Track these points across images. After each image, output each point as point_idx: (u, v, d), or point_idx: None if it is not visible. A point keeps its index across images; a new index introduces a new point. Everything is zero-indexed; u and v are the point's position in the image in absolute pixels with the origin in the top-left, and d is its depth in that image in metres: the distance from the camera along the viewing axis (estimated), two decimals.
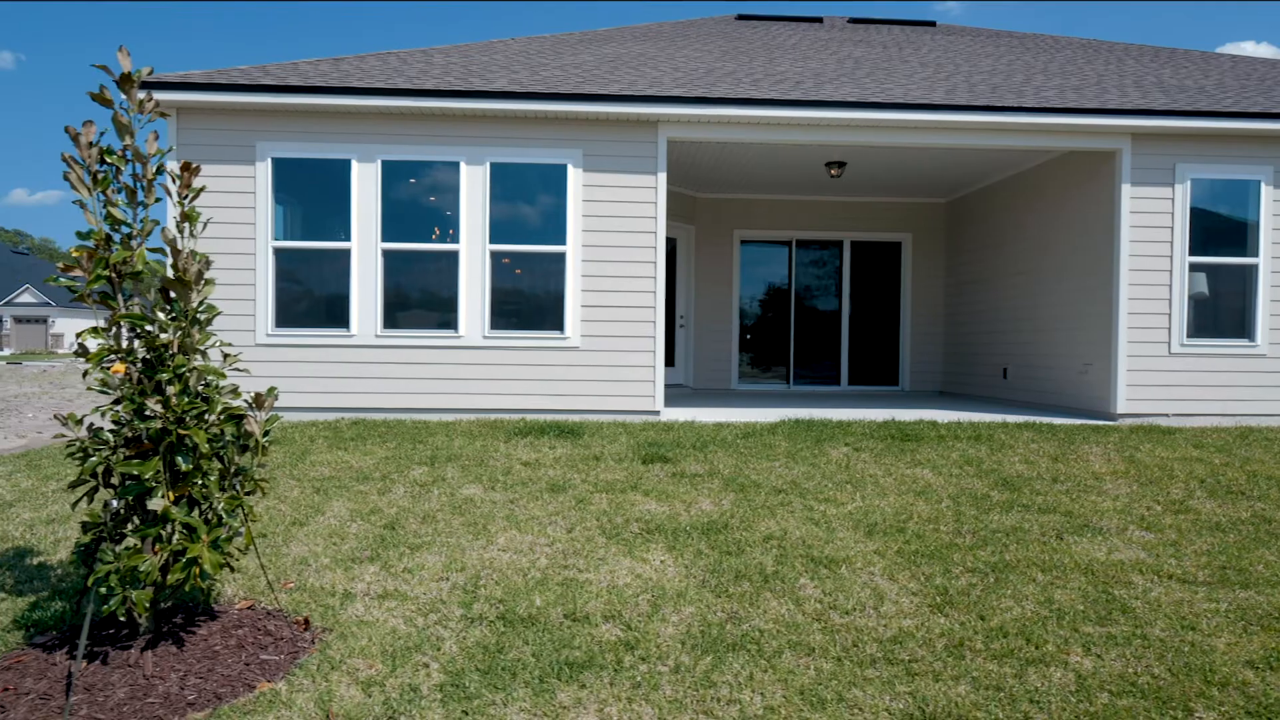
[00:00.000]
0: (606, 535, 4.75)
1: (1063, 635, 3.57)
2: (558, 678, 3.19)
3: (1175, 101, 8.50)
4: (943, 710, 3.00)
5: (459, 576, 4.14)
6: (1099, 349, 8.65)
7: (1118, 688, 3.16)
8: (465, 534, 4.75)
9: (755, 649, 3.43)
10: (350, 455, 6.49)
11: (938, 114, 7.89)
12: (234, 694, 3.03)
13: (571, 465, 6.21)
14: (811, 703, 3.05)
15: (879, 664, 3.32)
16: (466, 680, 3.16)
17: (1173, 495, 5.72)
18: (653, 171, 7.96)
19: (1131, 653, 3.43)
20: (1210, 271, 8.50)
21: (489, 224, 7.93)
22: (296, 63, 8.53)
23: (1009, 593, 4.01)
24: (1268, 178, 8.41)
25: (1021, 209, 10.72)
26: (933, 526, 4.95)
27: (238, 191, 7.76)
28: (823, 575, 4.19)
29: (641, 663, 3.32)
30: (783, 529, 4.86)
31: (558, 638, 3.50)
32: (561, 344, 7.98)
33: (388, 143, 7.85)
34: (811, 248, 13.31)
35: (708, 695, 3.09)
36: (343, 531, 4.80)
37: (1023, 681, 3.20)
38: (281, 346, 7.83)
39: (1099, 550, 4.62)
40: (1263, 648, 3.47)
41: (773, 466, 6.26)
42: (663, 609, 3.79)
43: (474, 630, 3.58)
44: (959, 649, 3.44)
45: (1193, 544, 4.77)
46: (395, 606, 3.82)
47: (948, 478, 6.04)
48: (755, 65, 9.85)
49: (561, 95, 7.64)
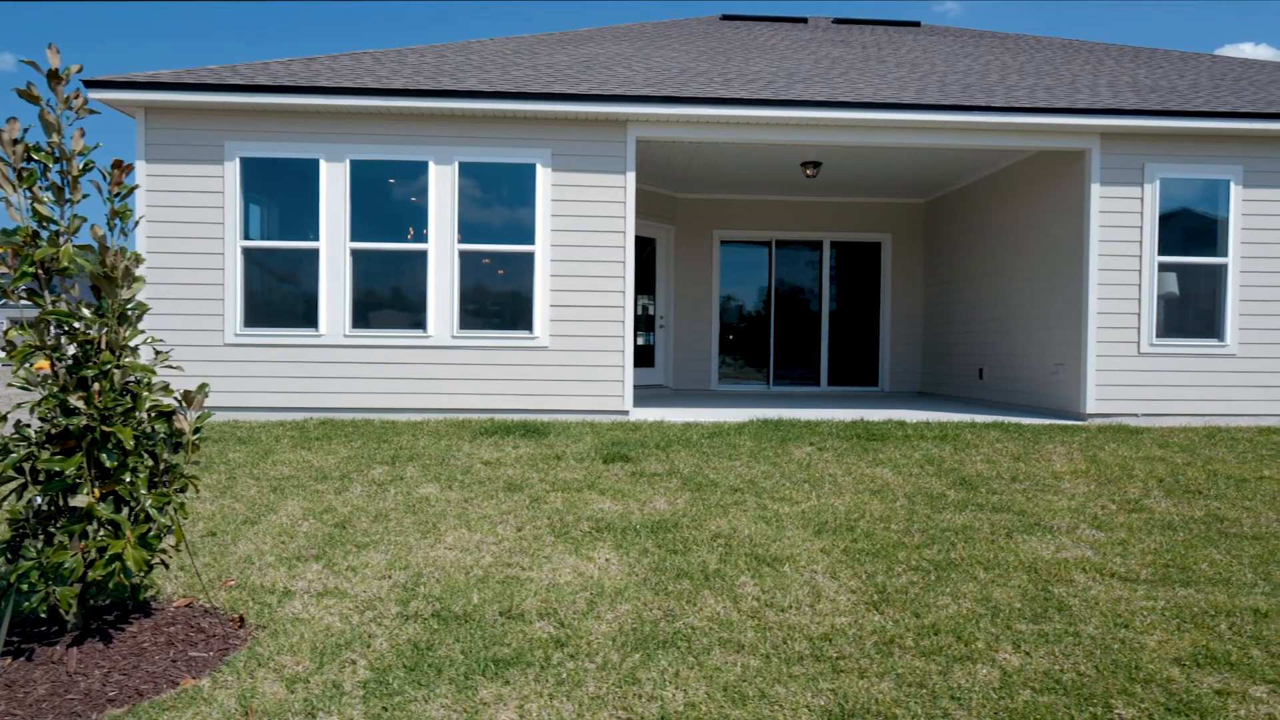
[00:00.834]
0: (555, 534, 4.75)
1: (994, 633, 3.58)
2: (483, 675, 3.19)
3: (1145, 101, 8.52)
4: (862, 707, 3.01)
5: (401, 575, 4.15)
6: (1069, 349, 8.67)
7: (1041, 685, 3.17)
8: (415, 533, 4.76)
9: (685, 646, 3.44)
10: (313, 455, 6.49)
11: (905, 113, 7.91)
12: (156, 690, 3.04)
13: (532, 465, 6.22)
14: (733, 699, 3.05)
15: (806, 661, 3.33)
16: (391, 677, 3.17)
17: (1129, 495, 5.74)
18: (622, 171, 7.97)
19: (1061, 650, 3.44)
20: (1180, 271, 8.52)
21: (458, 224, 7.94)
22: (268, 62, 8.53)
23: (948, 591, 4.02)
24: (1237, 177, 8.43)
25: (996, 209, 10.74)
26: (883, 525, 4.96)
27: (206, 191, 7.77)
28: (764, 573, 4.20)
29: (570, 660, 3.32)
30: (733, 528, 4.86)
31: (489, 635, 3.51)
32: (531, 344, 7.99)
33: (356, 142, 7.86)
34: (792, 248, 13.32)
35: (630, 692, 3.10)
36: (293, 530, 4.80)
37: (947, 679, 3.20)
38: (250, 346, 7.83)
39: (1046, 549, 4.63)
40: (1192, 645, 3.48)
41: (733, 466, 6.27)
42: (599, 607, 3.80)
43: (407, 627, 3.58)
44: (888, 646, 3.45)
45: (1141, 543, 4.78)
46: (333, 604, 3.82)
47: (907, 477, 6.05)
48: (731, 65, 9.86)
49: (529, 95, 7.65)
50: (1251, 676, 3.25)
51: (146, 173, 7.71)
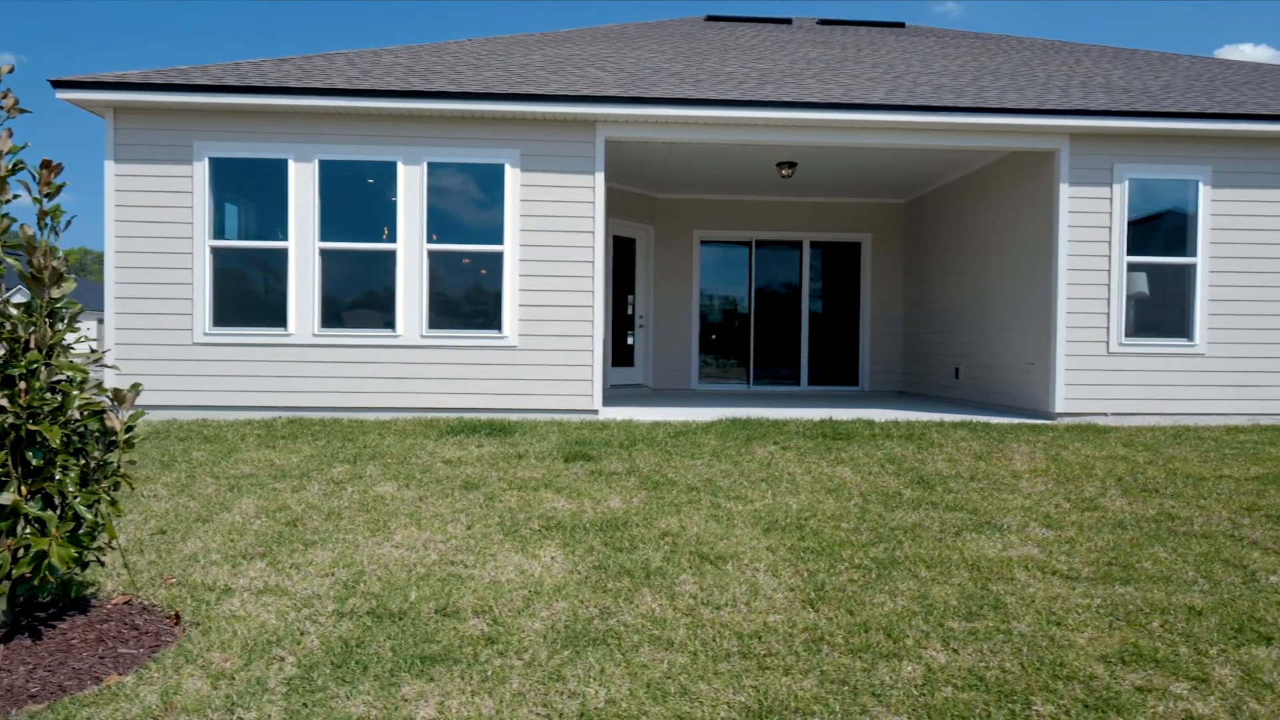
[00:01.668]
0: (504, 532, 4.77)
1: (926, 630, 3.60)
2: (408, 671, 3.21)
3: (1115, 102, 8.55)
4: (781, 704, 3.02)
5: (344, 573, 4.16)
6: (1040, 348, 8.70)
7: (963, 681, 3.19)
8: (364, 531, 4.77)
9: (616, 643, 3.46)
10: (276, 453, 6.50)
11: (872, 114, 7.93)
12: (79, 686, 3.05)
13: (492, 464, 6.23)
14: (654, 696, 3.07)
15: (734, 658, 3.35)
16: (317, 674, 3.18)
17: (1085, 493, 5.76)
18: (591, 171, 7.99)
19: (989, 647, 3.45)
20: (1150, 271, 8.54)
21: (426, 223, 7.96)
22: (239, 63, 8.55)
23: (886, 589, 4.03)
24: (1206, 178, 8.45)
25: (970, 209, 10.77)
26: (833, 524, 4.98)
27: (175, 191, 7.78)
28: (706, 571, 4.21)
29: (498, 657, 3.34)
30: (682, 526, 4.88)
31: (422, 633, 3.52)
32: (500, 343, 8.01)
33: (325, 142, 7.87)
34: (772, 248, 13.35)
35: (553, 689, 3.11)
36: (244, 528, 4.82)
37: (871, 676, 3.22)
38: (219, 345, 7.85)
39: (992, 547, 4.65)
40: (1121, 642, 3.50)
41: (694, 465, 6.28)
42: (535, 604, 3.81)
43: (341, 625, 3.60)
44: (817, 644, 3.47)
45: (1089, 541, 4.80)
46: (271, 602, 3.84)
47: (866, 476, 6.06)
48: (706, 66, 9.88)
49: (496, 95, 7.67)
50: (1175, 674, 3.27)
51: (115, 172, 7.72)
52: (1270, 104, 8.82)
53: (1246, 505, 5.49)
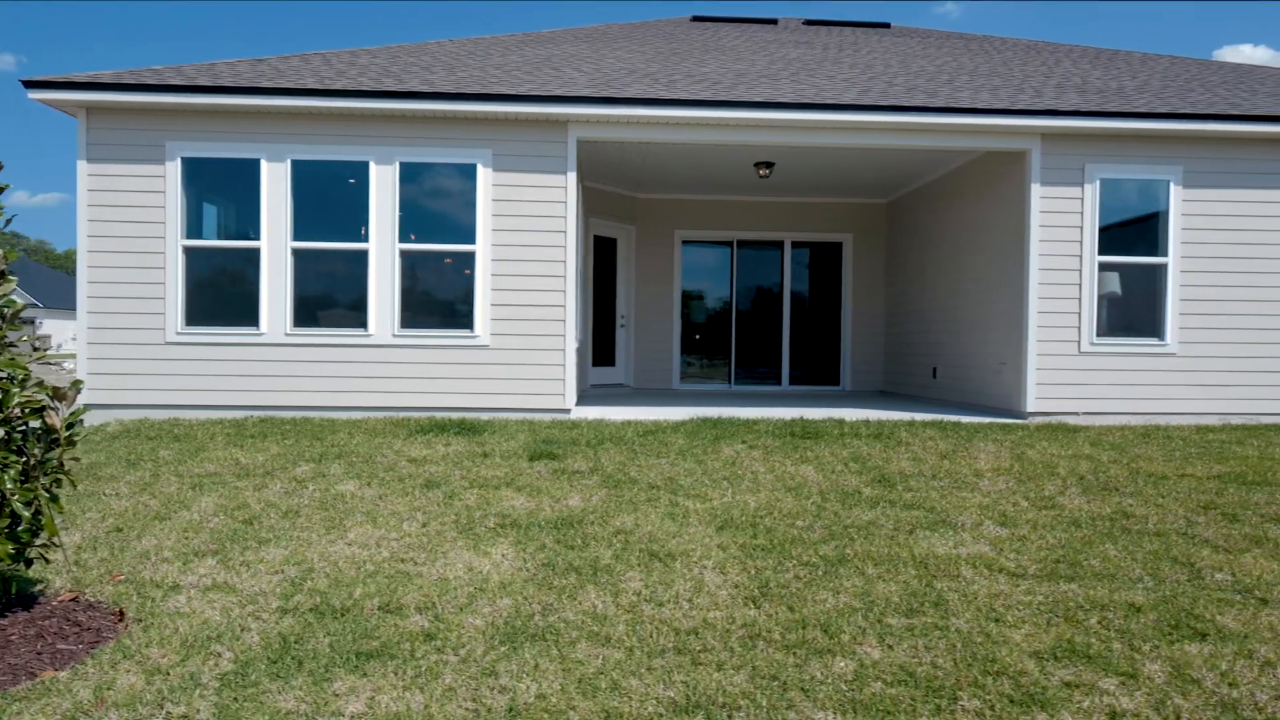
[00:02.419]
0: (459, 530, 4.79)
1: (863, 627, 3.62)
2: (343, 667, 3.23)
3: (1087, 102, 8.58)
4: (708, 698, 3.05)
5: (293, 570, 4.18)
6: (1011, 348, 8.73)
7: (893, 677, 3.21)
8: (320, 529, 4.79)
9: (554, 639, 3.48)
10: (243, 452, 6.52)
11: (844, 114, 7.96)
12: (13, 681, 3.08)
13: (457, 462, 6.25)
14: (585, 691, 3.10)
15: (668, 654, 3.37)
16: (252, 670, 3.21)
17: (1045, 492, 5.78)
18: (563, 171, 8.01)
19: (925, 644, 3.48)
20: (1121, 271, 8.58)
21: (399, 223, 7.98)
22: (214, 63, 8.57)
23: (831, 586, 4.06)
24: (1177, 178, 8.49)
25: (946, 209, 10.81)
26: (788, 522, 5.00)
27: (148, 191, 7.80)
28: (654, 568, 4.24)
29: (435, 653, 3.37)
30: (637, 524, 4.90)
31: (362, 629, 3.55)
32: (472, 343, 8.03)
33: (297, 142, 7.89)
34: (753, 248, 13.38)
35: (485, 684, 3.14)
36: (200, 526, 4.84)
37: (802, 671, 3.25)
38: (191, 345, 7.86)
39: (944, 545, 4.67)
40: (1056, 639, 3.53)
41: (658, 464, 6.31)
42: (478, 601, 3.84)
43: (284, 621, 3.62)
44: (754, 640, 3.49)
45: (1042, 539, 4.82)
46: (218, 598, 3.86)
47: (828, 475, 6.09)
48: (683, 66, 9.91)
49: (468, 95, 7.69)
50: (1105, 669, 3.29)
51: (88, 172, 7.74)
52: (1242, 104, 8.86)
53: (1204, 504, 5.52)
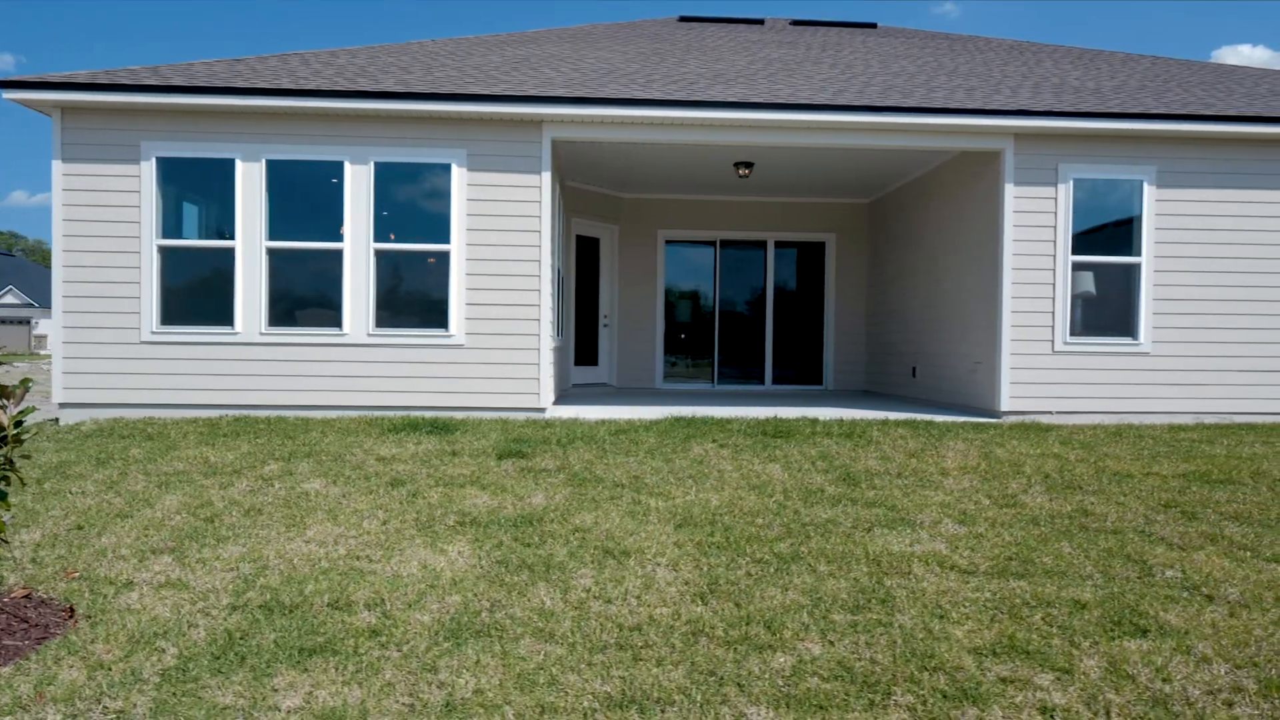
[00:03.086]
0: (419, 528, 4.81)
1: (807, 623, 3.65)
2: (285, 662, 3.26)
3: (1062, 102, 8.62)
4: (644, 693, 3.08)
5: (248, 567, 4.21)
6: (986, 348, 8.76)
7: (831, 673, 3.24)
8: (280, 526, 4.82)
9: (498, 635, 3.51)
10: (214, 451, 6.54)
11: (817, 114, 7.99)
12: None
13: (425, 461, 6.28)
14: (522, 686, 3.13)
15: (610, 650, 3.40)
16: (194, 665, 3.23)
17: (1008, 490, 5.81)
18: (538, 171, 8.04)
19: (867, 640, 3.51)
20: (1095, 271, 8.61)
21: (374, 223, 8.01)
22: (191, 63, 8.59)
23: (781, 583, 4.08)
24: (1150, 178, 8.52)
25: (925, 209, 10.85)
26: (748, 520, 5.03)
27: (123, 190, 7.82)
28: (608, 566, 4.26)
29: (379, 648, 3.39)
30: (597, 522, 4.93)
31: (308, 625, 3.57)
32: (446, 342, 8.06)
33: (272, 142, 7.91)
34: (737, 248, 13.41)
35: (424, 679, 3.17)
36: (162, 524, 4.86)
37: (740, 667, 3.28)
38: (167, 344, 7.89)
39: (900, 543, 4.69)
40: (998, 635, 3.56)
41: (626, 462, 6.33)
42: (428, 598, 3.86)
43: (232, 617, 3.65)
44: (696, 636, 3.52)
45: (998, 536, 4.85)
46: (170, 595, 3.88)
47: (794, 473, 6.11)
48: (662, 67, 9.94)
49: (442, 95, 7.72)
50: (1043, 665, 3.33)
51: (63, 172, 7.76)
52: (1216, 104, 8.89)
53: (1165, 502, 5.55)
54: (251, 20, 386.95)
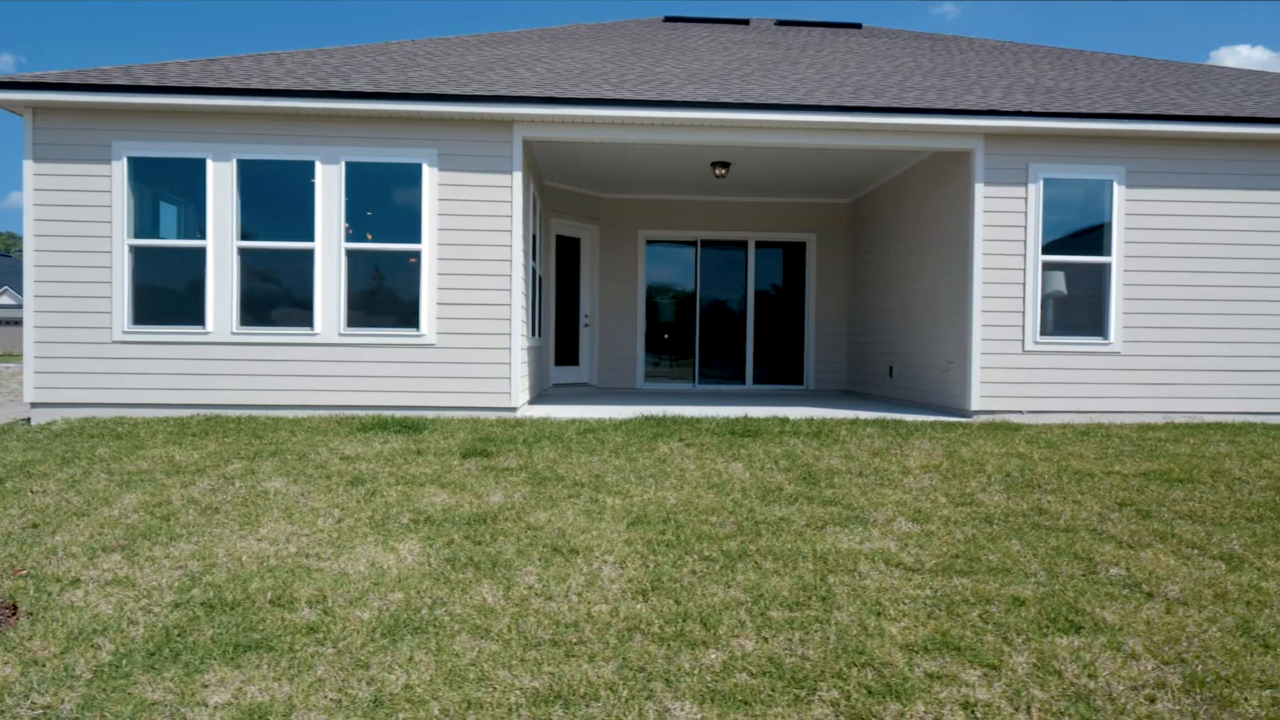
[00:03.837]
0: (373, 526, 4.84)
1: (744, 620, 3.68)
2: (219, 659, 3.28)
3: (1033, 102, 8.65)
4: (570, 689, 3.11)
5: (196, 565, 4.23)
6: (958, 347, 8.80)
7: (759, 669, 3.27)
8: (234, 525, 4.84)
9: (435, 632, 3.54)
10: (180, 450, 6.56)
11: (785, 114, 8.01)
12: None
13: (389, 460, 6.30)
14: (451, 682, 3.15)
15: (544, 646, 3.43)
16: (128, 662, 3.26)
17: (967, 489, 5.83)
18: (509, 171, 8.06)
19: (801, 636, 3.54)
20: (1066, 271, 8.65)
21: (345, 223, 8.03)
22: (165, 63, 8.61)
23: (725, 580, 4.11)
24: (1120, 178, 8.56)
25: (901, 209, 10.89)
26: (702, 518, 5.05)
27: (94, 190, 7.84)
28: (554, 563, 4.29)
29: (315, 645, 3.42)
30: (550, 520, 4.95)
31: (248, 622, 3.60)
32: (418, 341, 8.08)
33: (243, 142, 7.93)
34: (717, 248, 13.44)
35: (355, 675, 3.19)
36: (118, 522, 4.88)
37: (671, 663, 3.31)
38: (138, 344, 7.90)
39: (851, 540, 4.72)
40: (932, 632, 3.59)
41: (590, 461, 6.35)
42: (371, 595, 3.89)
43: (173, 614, 3.67)
44: (632, 633, 3.55)
45: (949, 534, 4.87)
46: (115, 592, 3.91)
47: (756, 472, 6.14)
48: (638, 67, 9.96)
49: (412, 95, 7.74)
50: (973, 661, 3.36)
51: (34, 171, 7.78)
52: (1187, 105, 8.93)
53: (1121, 500, 5.59)
54: (252, 20, 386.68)
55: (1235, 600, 3.96)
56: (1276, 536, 4.89)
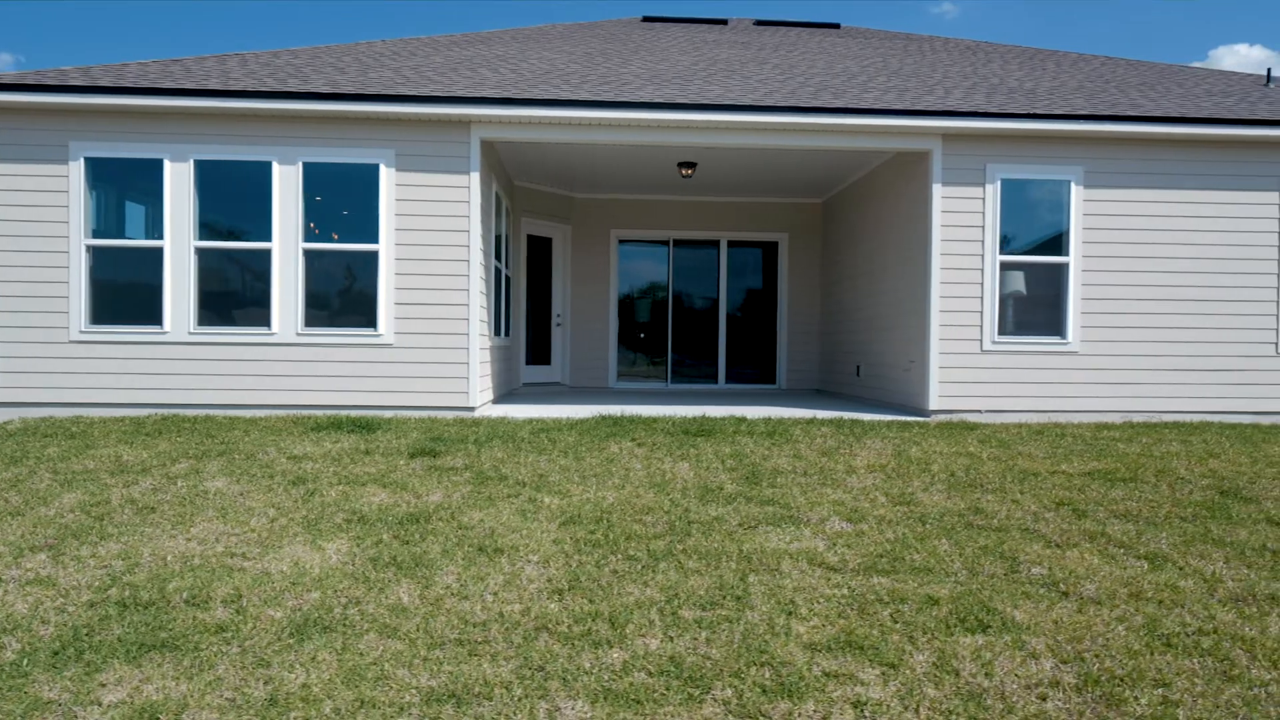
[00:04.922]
0: (305, 526, 4.86)
1: (653, 619, 3.70)
2: (121, 658, 3.30)
3: (991, 103, 8.68)
4: (466, 687, 3.13)
5: (120, 564, 4.25)
6: (918, 347, 8.83)
7: (658, 668, 3.29)
8: (167, 524, 4.86)
9: (344, 631, 3.56)
10: (130, 450, 6.58)
11: (741, 114, 8.04)
12: None
13: (336, 459, 6.32)
14: (350, 681, 3.18)
15: (448, 645, 3.45)
16: (30, 660, 3.28)
17: (909, 489, 5.86)
18: (466, 171, 8.08)
19: (708, 636, 3.56)
20: (1024, 270, 8.69)
21: (302, 223, 8.05)
22: (125, 64, 8.63)
23: (644, 579, 4.14)
24: (1078, 178, 8.59)
25: (867, 209, 10.94)
26: (636, 518, 5.08)
27: (52, 190, 7.85)
28: (478, 563, 4.31)
29: (221, 644, 3.44)
30: (483, 520, 4.98)
31: (158, 621, 3.62)
32: (375, 341, 8.10)
33: (200, 142, 7.95)
34: (690, 247, 13.48)
35: (254, 674, 3.22)
36: (52, 521, 4.90)
37: (572, 662, 3.33)
38: (95, 343, 7.92)
39: (779, 540, 4.74)
40: (839, 631, 3.61)
41: (537, 461, 6.38)
42: (287, 595, 3.91)
43: (85, 614, 3.69)
44: (539, 632, 3.57)
45: (880, 534, 4.90)
46: (34, 591, 3.93)
47: (701, 471, 6.16)
48: (602, 67, 9.98)
49: (369, 96, 7.77)
50: (873, 660, 3.38)
51: None
52: (1146, 105, 8.97)
53: (1060, 500, 5.62)
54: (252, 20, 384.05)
55: (1148, 599, 3.99)
56: (1205, 536, 4.92)
